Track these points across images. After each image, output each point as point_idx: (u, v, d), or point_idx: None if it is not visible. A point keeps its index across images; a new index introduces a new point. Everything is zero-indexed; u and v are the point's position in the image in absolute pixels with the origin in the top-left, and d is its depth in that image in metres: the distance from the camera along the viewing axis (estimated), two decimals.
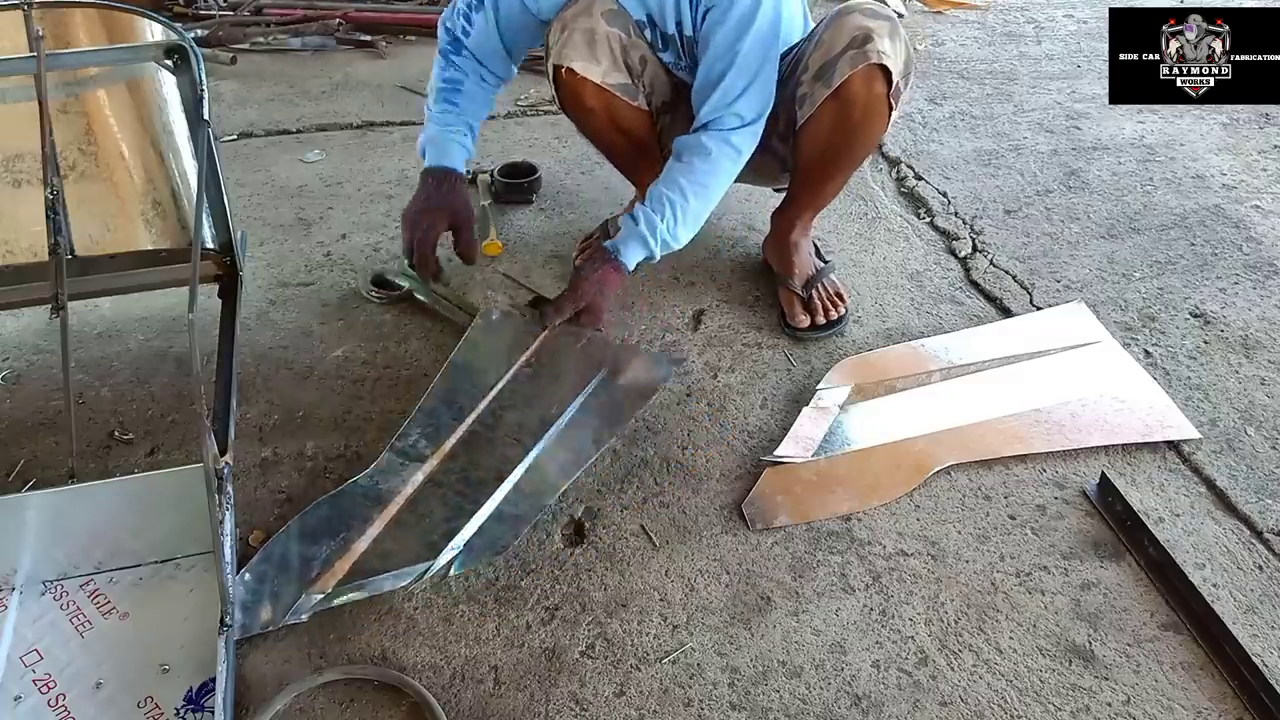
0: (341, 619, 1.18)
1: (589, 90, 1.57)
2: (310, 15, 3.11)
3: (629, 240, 1.53)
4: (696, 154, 1.50)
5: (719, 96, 1.48)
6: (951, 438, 1.44)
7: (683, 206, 1.51)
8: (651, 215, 1.51)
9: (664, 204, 1.51)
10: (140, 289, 1.50)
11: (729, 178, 1.54)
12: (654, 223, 1.51)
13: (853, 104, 1.47)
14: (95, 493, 1.18)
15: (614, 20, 1.53)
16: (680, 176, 1.51)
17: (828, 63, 1.47)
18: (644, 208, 1.52)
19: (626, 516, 1.33)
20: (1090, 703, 1.09)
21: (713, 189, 1.53)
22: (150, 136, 1.41)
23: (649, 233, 1.51)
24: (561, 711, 1.08)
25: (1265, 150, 2.32)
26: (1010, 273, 1.86)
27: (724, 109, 1.49)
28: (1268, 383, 1.57)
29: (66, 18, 1.37)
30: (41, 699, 1.08)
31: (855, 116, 1.49)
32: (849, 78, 1.45)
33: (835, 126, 1.52)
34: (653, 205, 1.51)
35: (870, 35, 1.43)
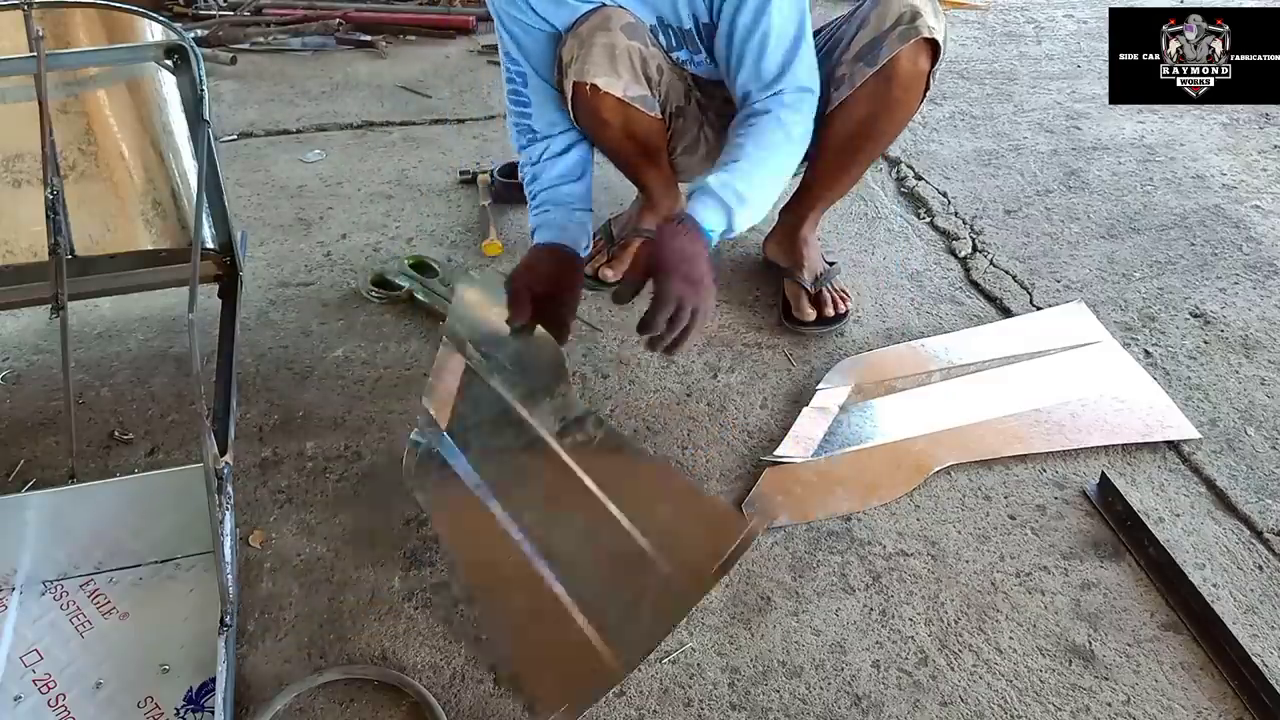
0: (341, 619, 1.18)
1: (609, 105, 1.53)
2: (310, 15, 3.11)
3: (702, 201, 1.29)
4: (752, 117, 1.38)
5: (765, 74, 1.39)
6: (951, 438, 1.44)
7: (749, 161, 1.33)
8: (720, 174, 1.31)
9: (729, 164, 1.33)
10: (140, 289, 1.50)
11: (795, 139, 1.40)
12: (725, 180, 1.30)
13: (895, 81, 1.46)
14: (95, 493, 1.18)
15: (632, 33, 1.51)
16: (740, 138, 1.37)
17: (875, 39, 1.45)
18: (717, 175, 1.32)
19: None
20: (1090, 703, 1.09)
21: (778, 145, 1.37)
22: (150, 136, 1.41)
23: (723, 190, 1.29)
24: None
25: (1265, 150, 2.32)
26: (1010, 273, 1.86)
27: (772, 85, 1.40)
28: (1268, 383, 1.57)
29: (66, 18, 1.37)
30: (41, 699, 1.08)
31: (896, 94, 1.47)
32: (897, 54, 1.43)
33: (873, 105, 1.49)
34: (720, 169, 1.33)
35: (919, 12, 1.43)
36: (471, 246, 1.93)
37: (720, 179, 1.31)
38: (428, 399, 1.35)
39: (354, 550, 1.27)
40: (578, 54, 1.49)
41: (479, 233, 1.97)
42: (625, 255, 1.81)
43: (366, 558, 1.26)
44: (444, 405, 1.34)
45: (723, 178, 1.31)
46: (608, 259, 1.81)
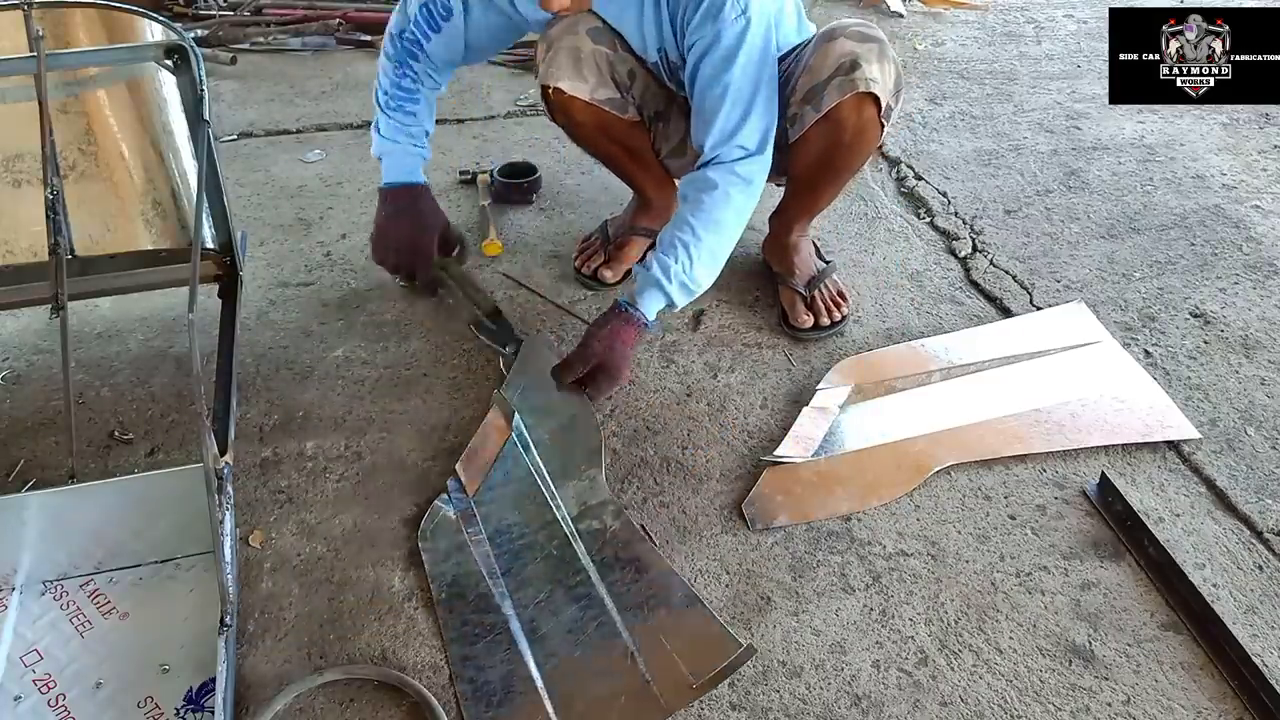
0: (342, 619, 1.18)
1: (578, 107, 1.55)
2: (310, 15, 3.10)
3: (644, 289, 1.45)
4: (704, 190, 1.44)
5: (718, 132, 1.42)
6: (951, 438, 1.44)
7: (695, 245, 1.42)
8: (664, 259, 1.43)
9: (675, 246, 1.43)
10: (140, 289, 1.50)
11: (742, 210, 1.47)
12: (667, 265, 1.42)
13: (843, 128, 1.47)
14: (95, 493, 1.18)
15: (599, 37, 1.52)
16: (690, 215, 1.44)
17: (815, 87, 1.45)
18: (656, 254, 1.45)
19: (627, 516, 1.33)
20: (1090, 703, 1.09)
21: (726, 224, 1.45)
22: (150, 136, 1.41)
23: (663, 277, 1.42)
24: None
25: (1265, 150, 2.32)
26: (1010, 273, 1.86)
27: (726, 143, 1.43)
28: (1268, 383, 1.57)
29: (66, 18, 1.37)
30: (41, 699, 1.08)
31: (846, 139, 1.48)
32: (838, 104, 1.44)
33: (826, 147, 1.51)
34: (664, 250, 1.44)
35: (858, 61, 1.42)
36: (471, 246, 1.93)
37: (666, 267, 1.43)
38: (462, 465, 1.37)
39: (354, 550, 1.27)
40: (544, 57, 1.53)
41: (479, 233, 1.97)
42: (622, 255, 1.81)
43: (366, 558, 1.26)
44: (477, 471, 1.36)
45: (669, 266, 1.43)
46: (605, 259, 1.81)
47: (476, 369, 1.59)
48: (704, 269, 1.46)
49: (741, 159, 1.44)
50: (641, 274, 1.46)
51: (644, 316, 1.46)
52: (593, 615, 1.17)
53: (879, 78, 1.43)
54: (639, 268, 1.48)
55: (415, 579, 1.24)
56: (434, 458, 1.42)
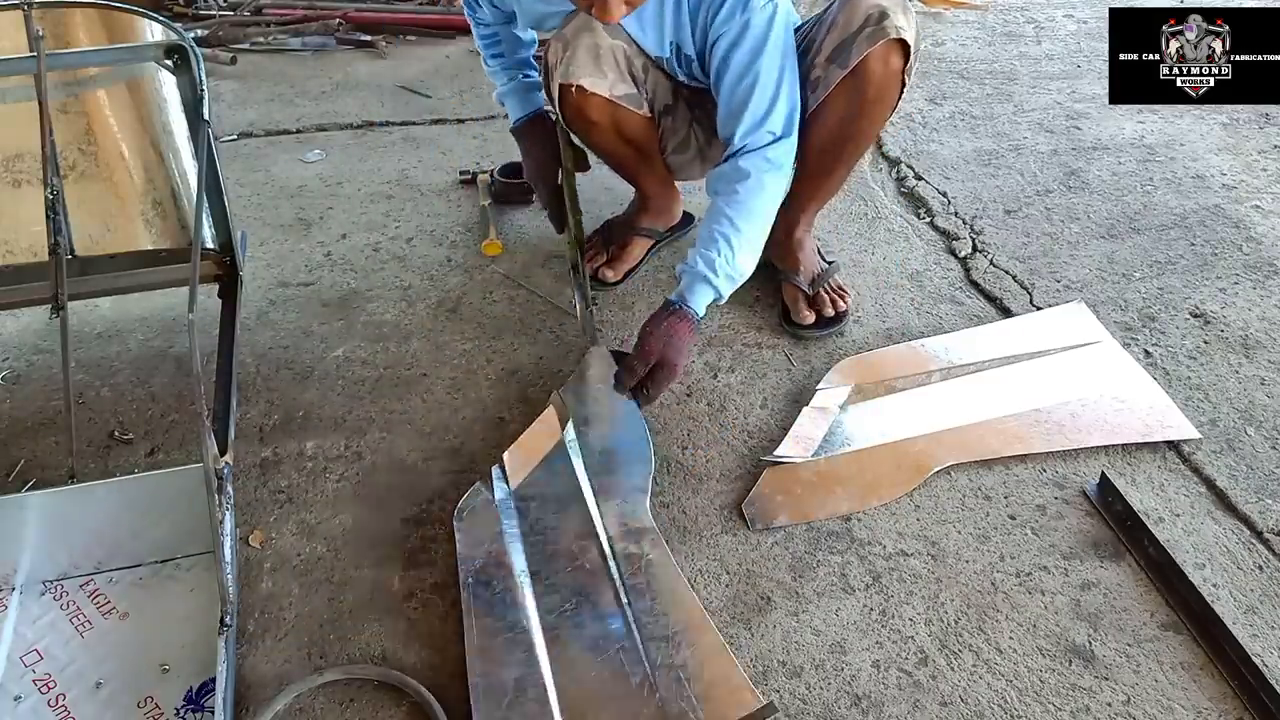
0: (342, 619, 1.18)
1: (596, 104, 1.55)
2: (310, 15, 3.11)
3: (691, 285, 1.45)
4: (737, 180, 1.45)
5: (748, 120, 1.44)
6: (951, 438, 1.44)
7: (736, 236, 1.43)
8: (707, 254, 1.43)
9: (716, 240, 1.43)
10: (140, 289, 1.50)
11: (776, 195, 1.47)
12: (711, 260, 1.43)
13: (869, 82, 1.46)
14: (95, 493, 1.18)
15: (615, 31, 1.52)
16: (726, 208, 1.44)
17: (844, 42, 1.46)
18: (696, 250, 1.45)
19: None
20: (1090, 703, 1.09)
21: (761, 211, 1.46)
22: (150, 136, 1.41)
23: (709, 271, 1.43)
24: None
25: (1265, 150, 2.32)
26: (1010, 273, 1.86)
27: (756, 130, 1.44)
28: (1268, 383, 1.57)
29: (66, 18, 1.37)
30: (41, 699, 1.08)
31: (870, 95, 1.48)
32: (867, 55, 1.44)
33: (849, 106, 1.50)
34: (704, 245, 1.44)
35: (886, 12, 1.43)
36: (471, 246, 1.93)
37: (710, 261, 1.43)
38: (510, 456, 1.36)
39: (354, 550, 1.27)
40: (562, 56, 1.53)
41: (479, 233, 1.97)
42: (624, 255, 1.81)
43: (366, 558, 1.26)
44: (523, 466, 1.36)
45: (714, 259, 1.43)
46: (607, 259, 1.81)
47: (476, 369, 1.59)
48: (746, 257, 1.46)
49: (771, 144, 1.46)
50: (688, 271, 1.46)
51: (695, 312, 1.45)
52: (616, 638, 1.14)
53: (907, 26, 1.44)
54: (683, 267, 1.47)
55: (415, 579, 1.24)
56: (434, 458, 1.42)
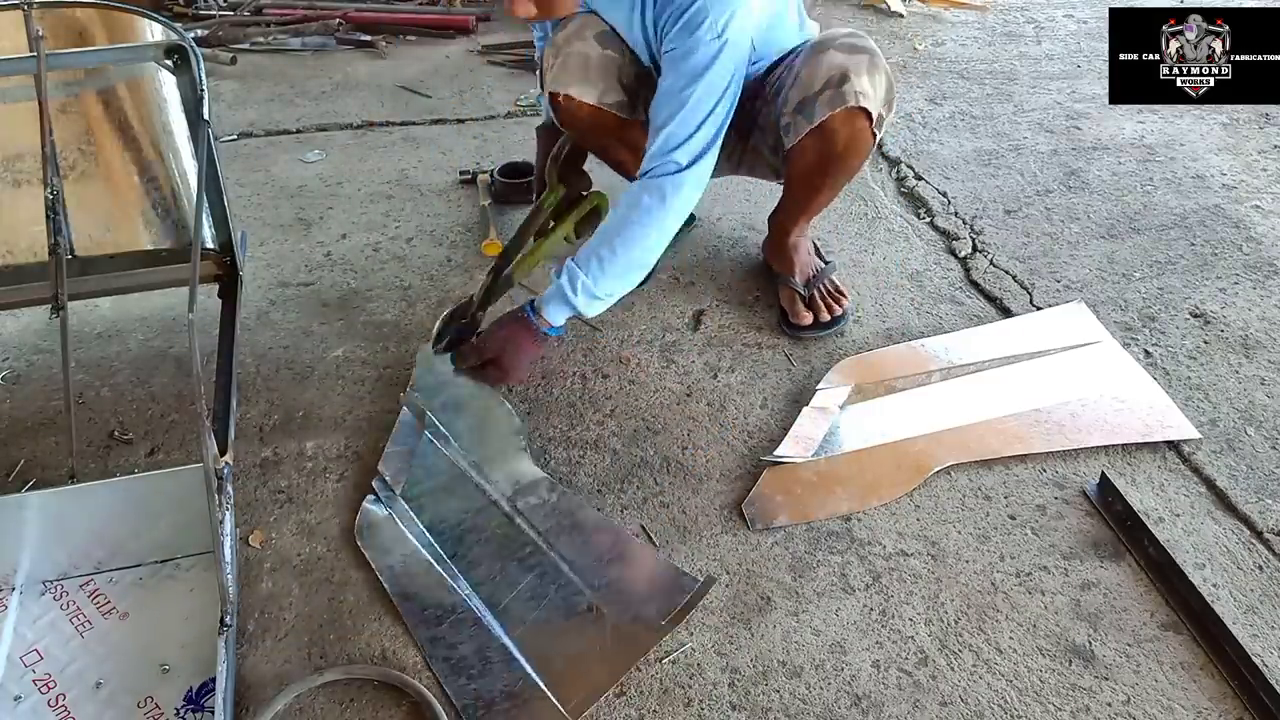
0: (341, 619, 1.18)
1: (586, 112, 1.56)
2: (310, 15, 3.11)
3: (550, 298, 1.46)
4: (632, 206, 1.43)
5: (661, 141, 1.41)
6: (951, 438, 1.44)
7: (609, 260, 1.42)
8: (575, 270, 1.43)
9: (590, 259, 1.43)
10: (140, 289, 1.50)
11: (665, 228, 1.44)
12: (575, 277, 1.43)
13: (834, 139, 1.48)
14: (95, 493, 1.18)
15: (607, 42, 1.52)
16: (613, 229, 1.44)
17: (806, 99, 1.46)
18: (570, 262, 1.45)
19: (627, 516, 1.33)
20: (1090, 703, 1.09)
21: (645, 241, 1.43)
22: (150, 136, 1.40)
23: (570, 288, 1.43)
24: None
25: (1265, 150, 2.32)
26: (1010, 273, 1.86)
27: (663, 155, 1.42)
28: (1268, 383, 1.57)
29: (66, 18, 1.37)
30: (41, 699, 1.08)
31: (838, 149, 1.49)
32: (829, 117, 1.45)
33: (818, 158, 1.52)
34: (580, 260, 1.44)
35: (847, 74, 1.42)
36: (471, 246, 1.93)
37: (574, 278, 1.43)
38: (384, 464, 1.38)
39: (354, 550, 1.27)
40: (552, 63, 1.54)
41: (479, 233, 1.97)
42: None
43: (366, 558, 1.26)
44: (400, 469, 1.37)
45: (577, 278, 1.43)
46: None
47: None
48: (615, 283, 1.46)
49: (674, 173, 1.42)
50: (554, 282, 1.46)
51: (545, 324, 1.46)
52: (550, 580, 1.22)
53: (869, 90, 1.43)
54: (554, 273, 1.48)
55: None
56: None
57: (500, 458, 1.39)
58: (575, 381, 1.57)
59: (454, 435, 1.42)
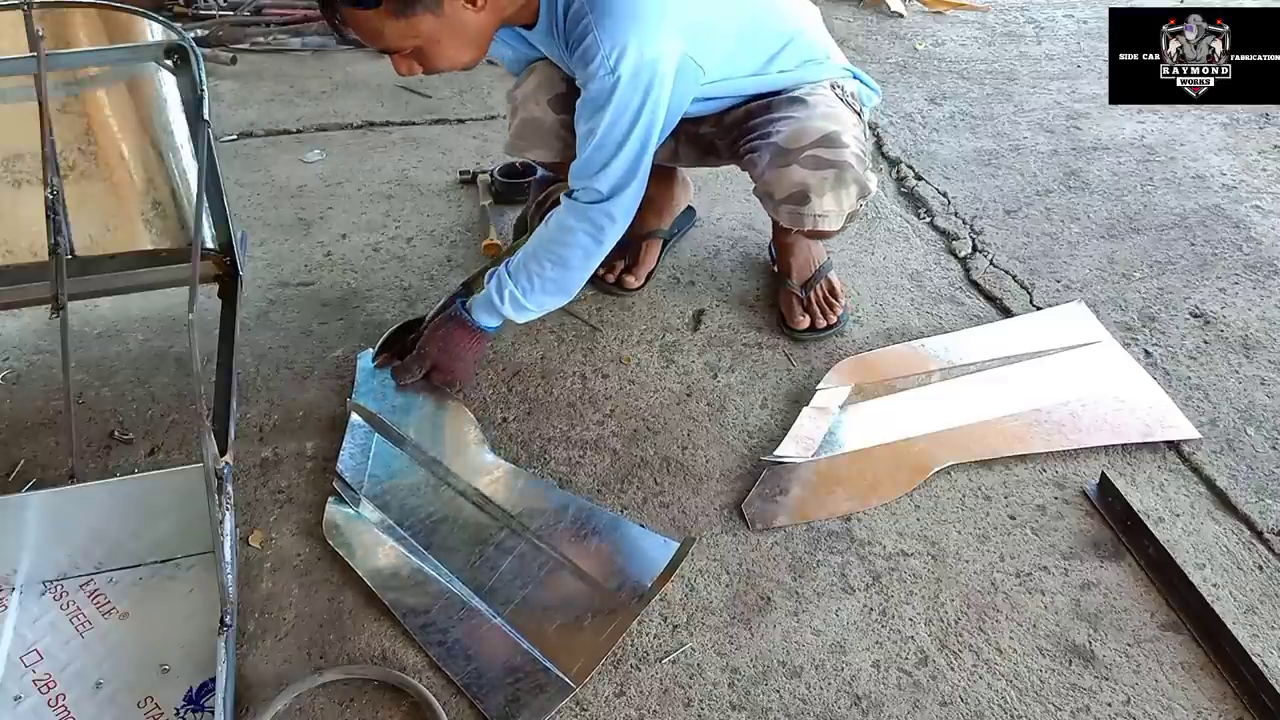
0: (341, 619, 1.18)
1: (554, 168, 1.59)
2: (310, 15, 3.10)
3: (481, 305, 1.48)
4: (561, 228, 1.44)
5: (582, 165, 1.40)
6: (951, 438, 1.44)
7: (539, 276, 1.44)
8: (507, 280, 1.45)
9: (520, 273, 1.45)
10: (140, 289, 1.50)
11: (590, 253, 1.45)
12: (504, 288, 1.45)
13: (801, 232, 1.50)
14: (95, 493, 1.18)
15: (563, 106, 1.50)
16: (544, 248, 1.45)
17: (768, 198, 1.47)
18: (502, 270, 1.47)
19: (627, 516, 1.33)
20: (1090, 703, 1.09)
21: (572, 262, 1.45)
22: (150, 136, 1.40)
23: (497, 296, 1.45)
24: (562, 712, 1.07)
25: (1265, 150, 2.32)
26: (1010, 273, 1.86)
27: (586, 179, 1.41)
28: (1268, 383, 1.57)
29: (66, 18, 1.37)
30: (41, 699, 1.08)
31: (806, 235, 1.54)
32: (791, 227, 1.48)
33: (789, 231, 1.54)
34: (511, 270, 1.46)
35: (807, 194, 1.41)
36: (471, 246, 1.93)
37: (503, 289, 1.45)
38: (341, 465, 1.38)
39: None
40: (511, 122, 1.57)
41: (479, 233, 1.97)
42: (641, 260, 1.79)
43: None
44: (359, 471, 1.37)
45: (507, 290, 1.45)
46: (625, 267, 1.78)
47: (476, 369, 1.59)
48: (545, 298, 1.48)
49: (596, 202, 1.41)
50: (485, 289, 1.48)
51: (479, 324, 1.49)
52: (530, 558, 1.24)
53: (832, 209, 1.43)
54: (486, 278, 1.49)
55: None
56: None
57: (459, 451, 1.41)
58: (575, 381, 1.57)
59: (407, 434, 1.43)
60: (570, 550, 1.24)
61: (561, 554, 1.23)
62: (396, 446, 1.41)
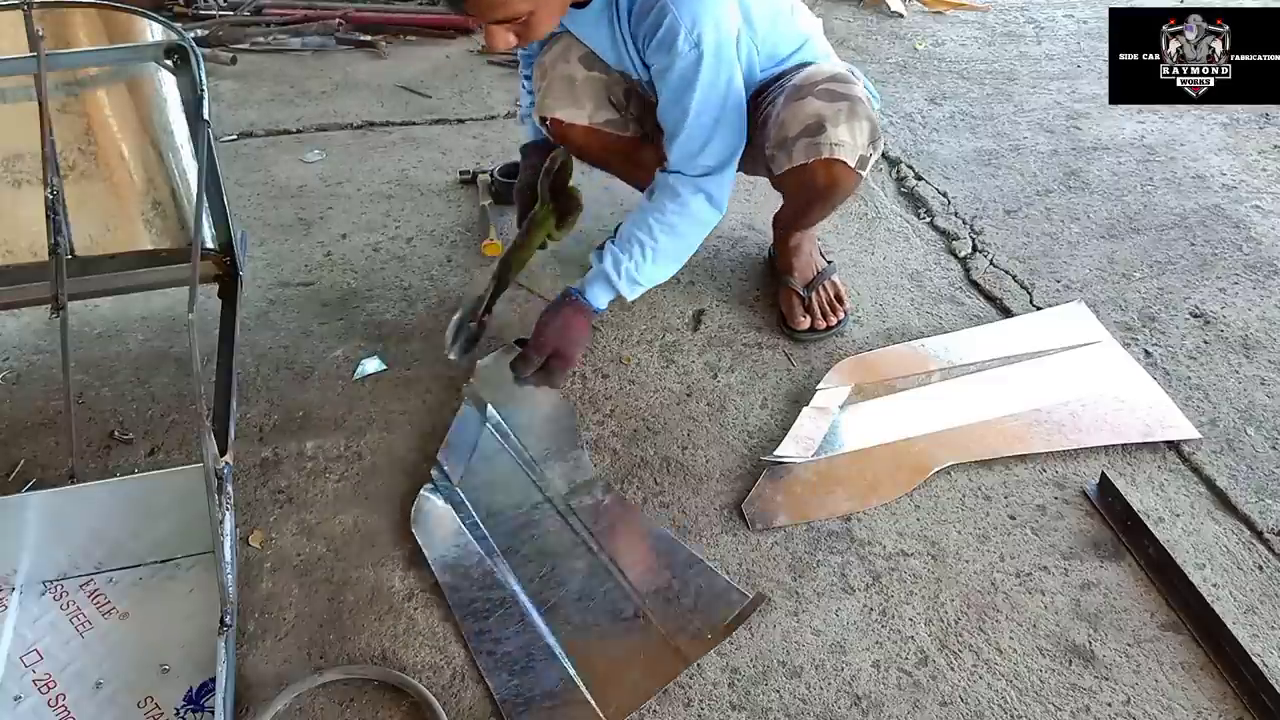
0: (341, 619, 1.18)
1: (578, 132, 1.58)
2: (310, 15, 3.11)
3: (594, 280, 1.49)
4: (667, 195, 1.46)
5: (680, 148, 1.44)
6: (951, 438, 1.44)
7: (651, 246, 1.46)
8: (618, 254, 1.47)
9: (631, 243, 1.47)
10: (140, 289, 1.50)
11: (703, 221, 1.49)
12: (619, 261, 1.46)
13: (814, 180, 1.47)
14: (95, 493, 1.18)
15: (593, 62, 1.52)
16: (650, 216, 1.47)
17: (784, 141, 1.46)
18: (612, 246, 1.49)
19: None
20: (1090, 703, 1.09)
21: (685, 232, 1.48)
22: (150, 136, 1.40)
23: (613, 271, 1.47)
24: None
25: (1265, 150, 2.32)
26: (1010, 273, 1.86)
27: (688, 160, 1.44)
28: (1268, 383, 1.57)
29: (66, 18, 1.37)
30: (41, 699, 1.08)
31: (819, 188, 1.49)
32: (806, 164, 1.45)
33: (802, 191, 1.52)
34: (620, 244, 1.48)
35: (823, 124, 1.41)
36: (471, 246, 1.93)
37: (618, 262, 1.47)
38: (444, 454, 1.39)
39: (354, 550, 1.27)
40: (540, 86, 1.56)
41: (479, 233, 1.97)
42: None
43: (366, 558, 1.26)
44: (459, 460, 1.39)
45: (621, 262, 1.47)
46: None
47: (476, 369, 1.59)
48: (657, 269, 1.50)
49: (704, 175, 1.45)
50: (595, 265, 1.50)
51: (593, 305, 1.49)
52: (599, 583, 1.22)
53: (847, 140, 1.42)
54: (595, 256, 1.51)
55: (415, 579, 1.24)
56: (434, 458, 1.41)
57: (558, 454, 1.41)
58: (575, 381, 1.57)
59: (514, 428, 1.44)
60: (640, 581, 1.22)
61: (630, 583, 1.22)
62: (500, 440, 1.42)
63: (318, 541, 1.28)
